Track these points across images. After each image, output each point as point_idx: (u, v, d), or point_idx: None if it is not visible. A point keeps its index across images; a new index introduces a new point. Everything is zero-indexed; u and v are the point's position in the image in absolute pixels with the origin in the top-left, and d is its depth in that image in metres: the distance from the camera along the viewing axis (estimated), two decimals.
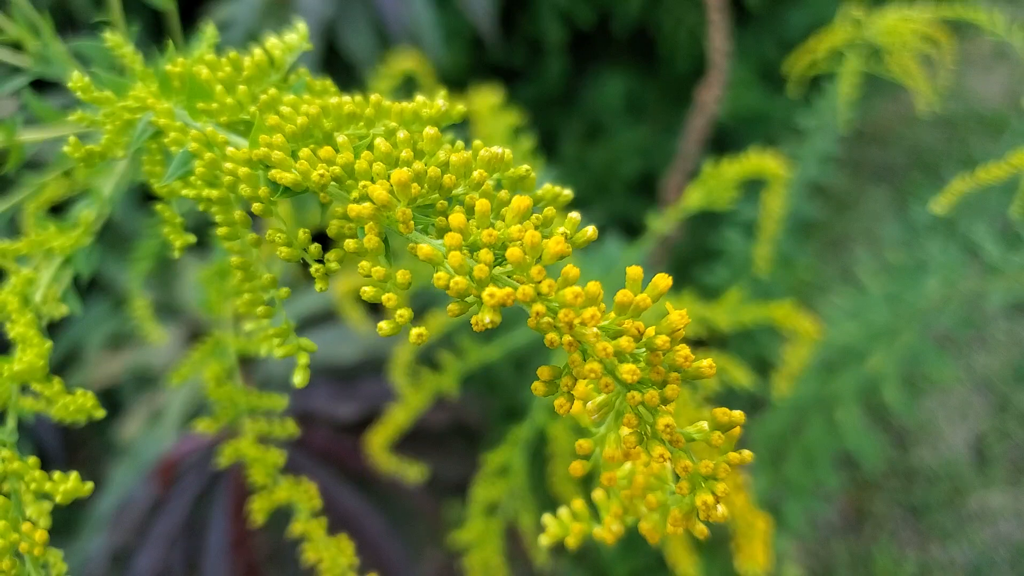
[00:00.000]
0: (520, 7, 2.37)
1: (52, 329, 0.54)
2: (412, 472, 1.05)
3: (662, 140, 2.41)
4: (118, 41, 0.44)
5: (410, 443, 1.22)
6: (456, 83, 2.01)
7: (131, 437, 1.64)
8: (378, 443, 1.05)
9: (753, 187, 1.48)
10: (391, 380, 1.15)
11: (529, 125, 1.09)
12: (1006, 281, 1.45)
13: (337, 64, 1.82)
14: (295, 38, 0.39)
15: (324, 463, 1.34)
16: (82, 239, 0.47)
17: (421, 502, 1.49)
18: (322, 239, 0.35)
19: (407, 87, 1.30)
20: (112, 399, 1.80)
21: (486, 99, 0.97)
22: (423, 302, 1.32)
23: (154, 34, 0.79)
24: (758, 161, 0.96)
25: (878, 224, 2.85)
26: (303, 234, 0.30)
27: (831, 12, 2.23)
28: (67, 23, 1.91)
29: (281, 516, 0.63)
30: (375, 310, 1.48)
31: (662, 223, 0.96)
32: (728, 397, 1.67)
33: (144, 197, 1.49)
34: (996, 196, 1.62)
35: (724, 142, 2.42)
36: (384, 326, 0.27)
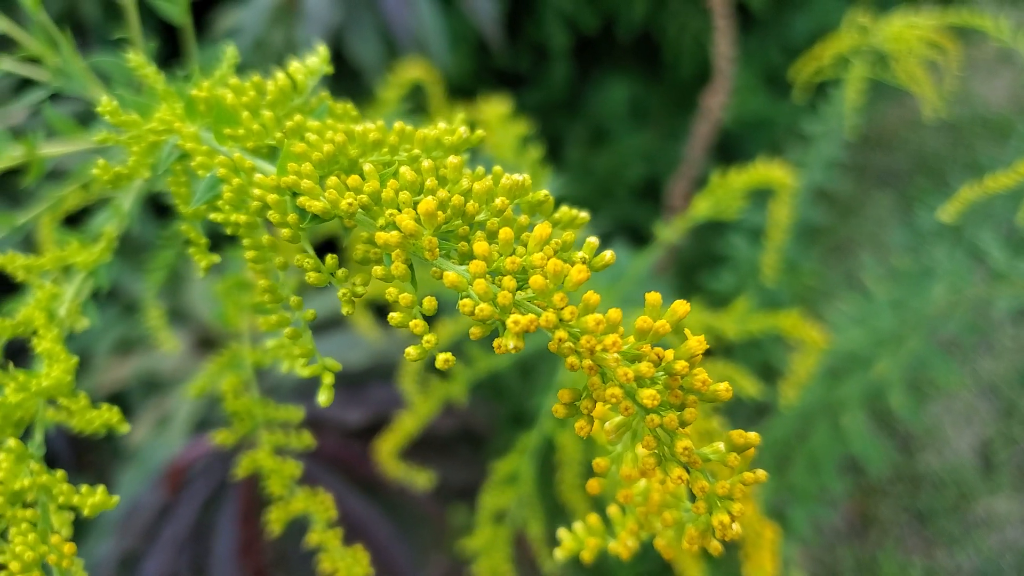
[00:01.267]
0: (525, 12, 2.38)
1: None
2: (420, 479, 1.06)
3: (667, 145, 2.42)
4: (140, 61, 0.45)
5: (417, 449, 1.22)
6: (461, 89, 2.03)
7: (139, 442, 1.65)
8: (387, 450, 1.06)
9: (759, 192, 1.49)
10: (399, 386, 1.16)
11: (535, 132, 1.09)
12: (1013, 288, 1.46)
13: (343, 71, 1.83)
14: (316, 61, 0.39)
15: (333, 469, 1.34)
16: (104, 255, 0.48)
17: (427, 507, 1.50)
18: (328, 245, 0.36)
19: (414, 96, 1.31)
20: (120, 404, 1.81)
21: (495, 109, 0.98)
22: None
23: (164, 40, 0.79)
24: (766, 171, 0.97)
25: (883, 229, 2.85)
26: (331, 260, 0.31)
27: (835, 17, 2.24)
28: (77, 31, 1.93)
29: (288, 521, 0.64)
30: (383, 316, 1.49)
31: (671, 232, 0.97)
32: (734, 404, 1.68)
33: (156, 207, 1.50)
34: (1002, 202, 1.62)
35: (729, 148, 2.43)
36: (412, 351, 0.28)
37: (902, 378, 1.62)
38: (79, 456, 1.92)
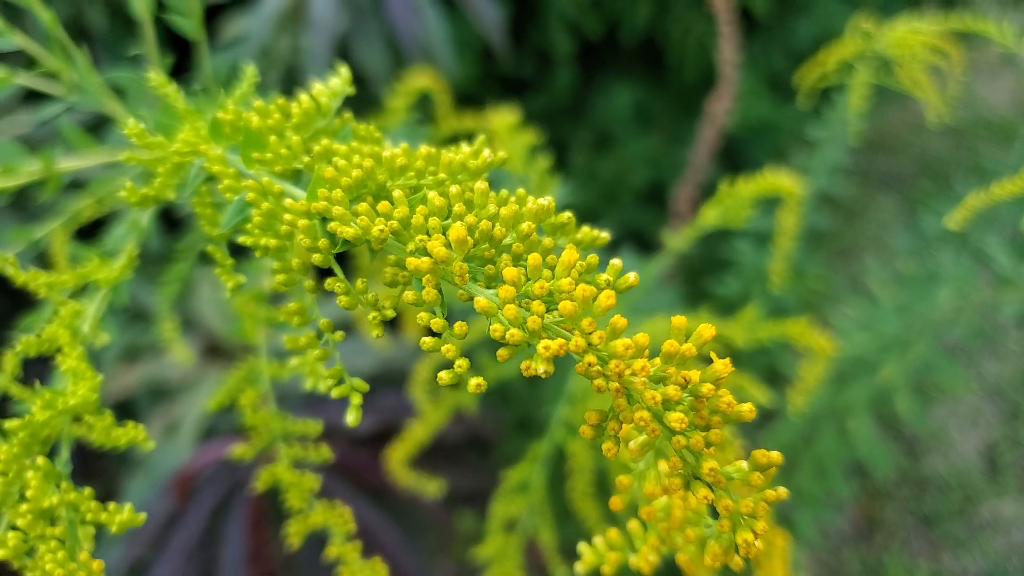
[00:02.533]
0: (529, 18, 2.39)
1: None
2: (431, 488, 1.06)
3: (671, 150, 2.42)
4: (162, 80, 0.46)
5: (426, 457, 1.23)
6: (466, 95, 2.03)
7: (147, 449, 1.66)
8: (398, 459, 1.07)
9: (764, 197, 1.49)
10: (408, 393, 1.16)
11: (542, 139, 1.10)
12: (1019, 293, 1.46)
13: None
14: (339, 83, 0.40)
15: (342, 477, 1.35)
16: (125, 272, 0.49)
17: (434, 514, 1.50)
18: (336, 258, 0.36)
19: (422, 104, 1.31)
20: (127, 411, 1.81)
21: (503, 119, 0.98)
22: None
23: (170, 48, 0.79)
24: (774, 179, 0.97)
25: (887, 233, 2.85)
26: (361, 283, 0.31)
27: (838, 22, 2.24)
28: (83, 38, 1.94)
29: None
30: (391, 323, 1.49)
31: (680, 242, 0.97)
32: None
33: (167, 219, 1.51)
34: (1007, 207, 1.62)
35: (733, 153, 2.44)
36: (444, 376, 0.28)
37: (907, 382, 1.62)
38: (86, 463, 1.92)
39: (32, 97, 0.76)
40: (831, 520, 2.20)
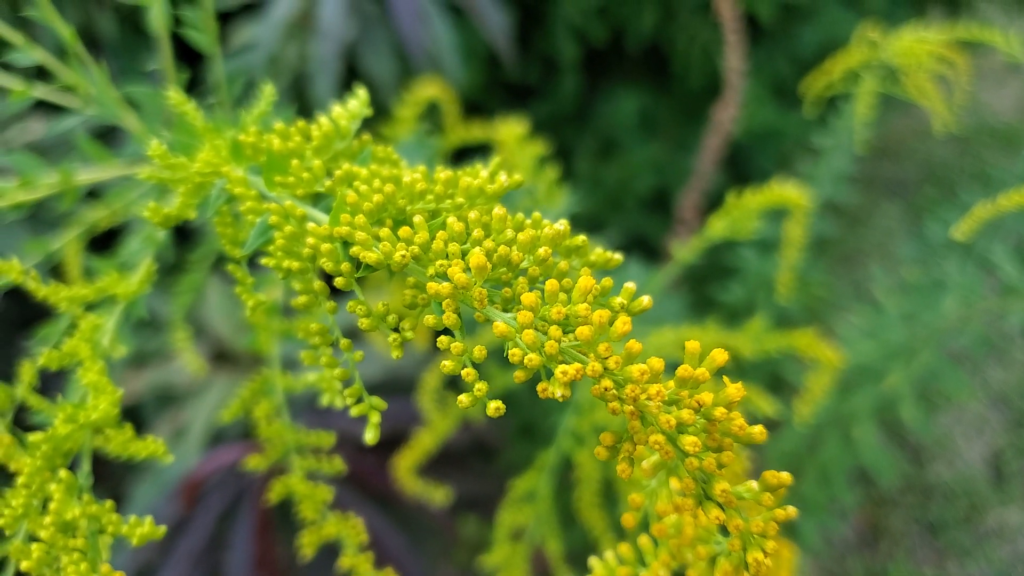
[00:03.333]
0: (535, 25, 2.40)
1: None
2: (437, 495, 1.07)
3: (676, 156, 2.43)
4: (181, 99, 0.47)
5: (432, 464, 1.24)
6: (472, 102, 2.03)
7: (165, 463, 1.67)
8: (405, 467, 1.07)
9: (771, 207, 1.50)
10: (414, 401, 1.17)
11: (548, 147, 1.11)
12: None
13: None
14: (357, 105, 0.41)
15: (347, 483, 1.36)
16: (144, 286, 0.50)
17: (438, 519, 1.51)
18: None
19: (430, 113, 1.32)
20: (134, 417, 1.82)
21: (512, 129, 0.99)
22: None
23: (180, 57, 0.80)
24: (781, 191, 0.98)
25: (891, 240, 2.85)
26: (381, 307, 0.32)
27: (843, 29, 2.25)
28: (92, 46, 1.95)
29: (299, 529, 0.64)
30: (398, 332, 1.50)
31: (687, 253, 0.98)
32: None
33: (177, 229, 1.52)
34: (1012, 214, 1.62)
35: (738, 159, 2.44)
36: (464, 399, 0.29)
37: (913, 390, 1.62)
38: (93, 468, 1.93)
39: (42, 105, 0.77)
40: (835, 528, 2.20)
